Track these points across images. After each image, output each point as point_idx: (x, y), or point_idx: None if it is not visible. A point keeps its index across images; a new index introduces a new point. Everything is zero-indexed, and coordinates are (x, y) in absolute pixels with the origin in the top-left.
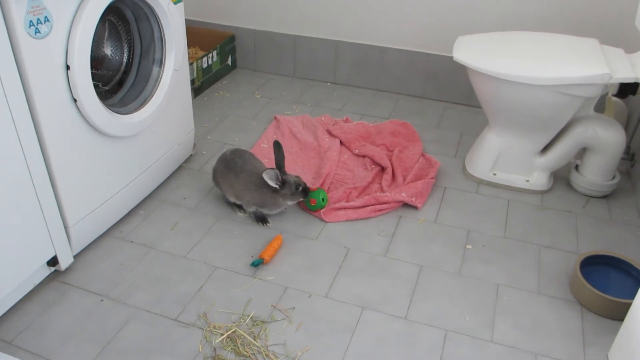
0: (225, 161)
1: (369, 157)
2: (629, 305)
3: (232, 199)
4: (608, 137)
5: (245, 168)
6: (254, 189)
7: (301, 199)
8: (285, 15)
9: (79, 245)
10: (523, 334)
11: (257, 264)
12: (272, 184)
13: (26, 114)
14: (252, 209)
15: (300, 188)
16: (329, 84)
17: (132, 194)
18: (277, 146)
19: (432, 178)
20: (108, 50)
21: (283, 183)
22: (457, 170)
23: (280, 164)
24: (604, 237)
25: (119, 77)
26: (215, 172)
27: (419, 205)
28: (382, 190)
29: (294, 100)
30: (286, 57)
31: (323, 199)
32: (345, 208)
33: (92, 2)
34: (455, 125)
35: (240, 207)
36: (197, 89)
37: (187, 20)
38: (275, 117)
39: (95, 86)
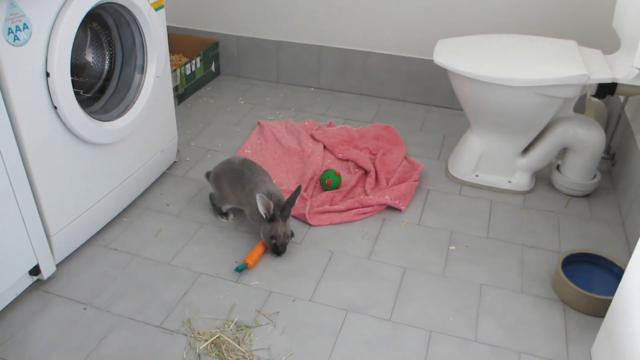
0: (233, 171)
1: (352, 161)
2: (610, 302)
3: (233, 205)
4: (588, 137)
5: (252, 180)
6: (255, 204)
7: (269, 250)
8: (268, 21)
9: (62, 253)
10: (507, 333)
11: (241, 269)
12: (260, 209)
13: (6, 122)
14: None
15: (273, 242)
16: (312, 89)
17: (115, 201)
18: (297, 191)
19: (416, 181)
20: (89, 57)
21: (272, 218)
22: (440, 172)
23: (288, 203)
24: (585, 236)
25: (100, 84)
26: (217, 175)
27: (402, 207)
28: (365, 193)
29: (277, 106)
30: (270, 63)
31: (337, 176)
32: (329, 212)
33: (71, 10)
34: (438, 128)
35: (223, 214)
36: (181, 96)
37: (170, 27)
38: (259, 123)
39: (76, 93)
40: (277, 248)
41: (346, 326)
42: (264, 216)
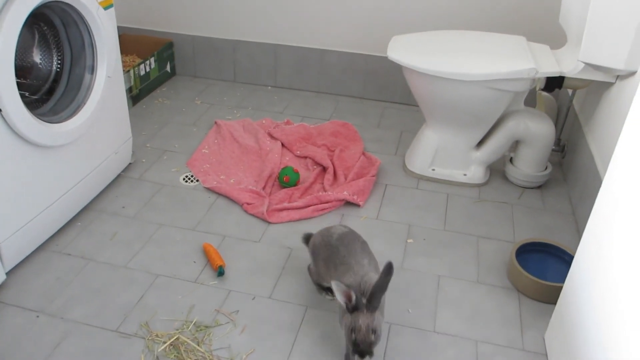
0: (329, 247)
1: (310, 158)
2: (561, 289)
3: (326, 284)
4: (538, 129)
5: (345, 262)
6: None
7: (350, 348)
8: (223, 20)
9: (12, 261)
10: (464, 322)
11: (223, 272)
12: (338, 298)
13: None
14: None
15: (353, 337)
16: (269, 87)
17: (67, 205)
18: (388, 270)
19: (373, 176)
20: (37, 58)
21: (354, 307)
22: (397, 167)
23: (377, 288)
24: (538, 226)
25: (48, 85)
26: (314, 247)
27: (360, 202)
28: (324, 189)
29: (234, 105)
30: (226, 62)
31: (296, 173)
32: (287, 209)
33: (13, 10)
34: (395, 124)
35: (325, 289)
36: (135, 97)
37: (123, 28)
38: (216, 122)
39: (23, 95)
40: (357, 345)
41: (306, 322)
42: (345, 305)
